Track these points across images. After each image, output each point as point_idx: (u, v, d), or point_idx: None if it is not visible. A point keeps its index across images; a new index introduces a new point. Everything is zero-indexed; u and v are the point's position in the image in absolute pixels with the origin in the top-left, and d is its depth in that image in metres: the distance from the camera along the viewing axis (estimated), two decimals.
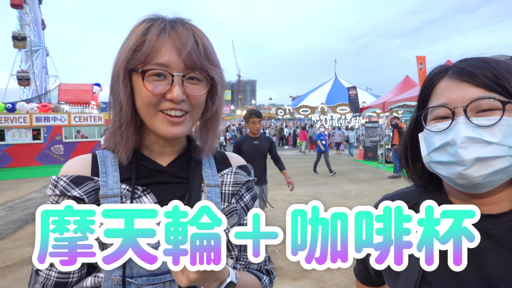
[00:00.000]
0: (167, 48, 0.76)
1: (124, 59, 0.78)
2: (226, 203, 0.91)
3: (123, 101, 0.80)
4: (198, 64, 0.78)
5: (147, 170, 0.86)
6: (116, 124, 0.83)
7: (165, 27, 0.78)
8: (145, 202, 0.82)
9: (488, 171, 0.63)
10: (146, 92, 0.77)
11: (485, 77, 0.66)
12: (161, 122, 0.80)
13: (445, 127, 0.68)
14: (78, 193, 0.77)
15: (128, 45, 0.78)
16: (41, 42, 36.91)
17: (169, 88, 0.76)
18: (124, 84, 0.79)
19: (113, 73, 0.81)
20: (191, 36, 0.78)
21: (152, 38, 0.76)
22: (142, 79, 0.76)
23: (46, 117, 16.21)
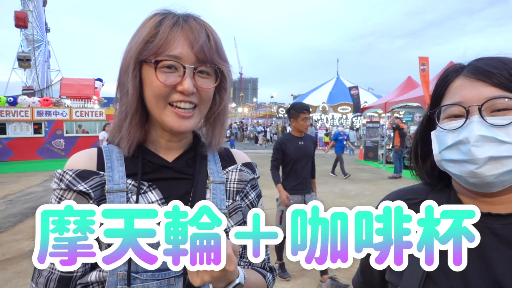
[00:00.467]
0: (179, 41, 0.77)
1: (135, 50, 0.78)
2: (231, 200, 0.91)
3: (130, 91, 0.79)
4: (209, 58, 0.80)
5: (152, 165, 0.85)
6: (122, 115, 0.83)
7: (178, 20, 0.79)
8: (151, 198, 0.82)
9: (501, 171, 0.63)
10: (157, 82, 0.77)
11: (502, 77, 0.66)
12: (170, 115, 0.80)
13: (459, 125, 0.68)
14: (84, 188, 0.77)
15: (140, 36, 0.78)
16: (44, 37, 36.89)
17: (180, 80, 0.77)
18: (133, 74, 0.78)
19: (123, 64, 0.81)
20: (203, 31, 0.80)
21: (165, 30, 0.77)
22: (155, 69, 0.76)
23: (47, 111, 16.22)
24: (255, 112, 56.15)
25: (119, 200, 0.78)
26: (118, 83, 0.84)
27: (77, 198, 0.76)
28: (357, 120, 27.29)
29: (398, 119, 12.39)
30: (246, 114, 56.69)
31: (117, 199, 0.78)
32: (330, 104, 28.45)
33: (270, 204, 7.49)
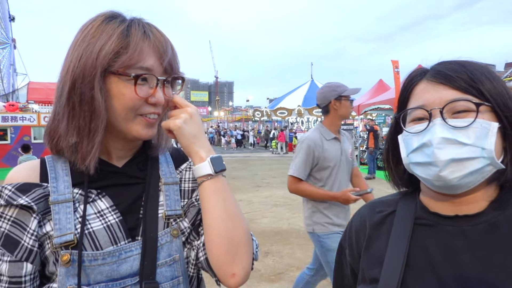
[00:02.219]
0: (149, 53, 0.77)
1: (103, 60, 0.73)
2: (186, 199, 0.89)
3: (99, 106, 0.74)
4: (174, 70, 0.83)
5: (101, 172, 0.81)
6: (83, 131, 0.76)
7: (145, 31, 0.78)
8: (100, 206, 0.79)
9: (463, 173, 0.64)
10: (132, 95, 0.75)
11: (461, 80, 0.68)
12: (139, 124, 0.79)
13: (423, 128, 0.69)
14: (26, 201, 0.72)
15: (106, 45, 0.73)
16: (9, 38, 35.36)
17: (153, 92, 0.78)
18: (99, 85, 0.73)
19: (80, 73, 0.73)
20: (168, 44, 0.81)
21: (137, 41, 0.75)
22: (135, 83, 0.74)
23: (13, 117, 15.52)
24: (231, 115, 56.08)
25: (65, 211, 0.75)
26: (68, 93, 0.75)
27: (19, 214, 0.73)
28: None
29: (372, 121, 12.71)
30: (223, 118, 56.50)
31: (63, 209, 0.74)
32: (305, 107, 28.81)
33: (246, 208, 7.47)
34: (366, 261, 0.81)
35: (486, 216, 0.69)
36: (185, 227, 0.85)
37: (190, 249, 0.87)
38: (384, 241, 0.78)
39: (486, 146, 0.64)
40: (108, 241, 0.76)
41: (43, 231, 0.74)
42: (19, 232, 0.72)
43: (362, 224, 0.86)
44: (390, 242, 0.76)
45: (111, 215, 0.78)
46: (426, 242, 0.73)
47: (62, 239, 0.72)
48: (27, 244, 0.72)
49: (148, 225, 0.79)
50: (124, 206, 0.81)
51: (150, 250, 0.77)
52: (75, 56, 0.75)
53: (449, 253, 0.69)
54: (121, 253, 0.75)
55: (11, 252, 0.71)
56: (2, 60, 33.88)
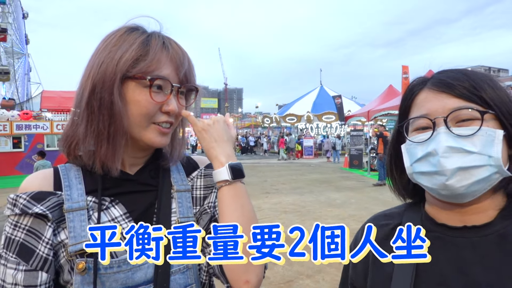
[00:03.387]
0: (167, 63, 0.80)
1: (123, 66, 0.76)
2: (198, 207, 0.90)
3: (118, 110, 0.76)
4: (189, 81, 0.85)
5: (114, 179, 0.82)
6: (103, 135, 0.77)
7: (164, 42, 0.81)
8: (114, 213, 0.80)
9: (470, 181, 0.64)
10: (148, 100, 0.77)
11: (463, 88, 0.67)
12: (153, 132, 0.81)
13: (427, 137, 0.68)
14: (40, 209, 0.72)
15: (127, 52, 0.77)
16: (24, 49, 36.25)
17: (166, 99, 0.80)
18: (118, 91, 0.76)
19: (101, 78, 0.76)
20: (185, 56, 0.84)
21: (156, 50, 0.78)
22: (150, 86, 0.77)
23: (27, 125, 15.83)
24: (240, 122, 56.21)
25: (80, 219, 0.75)
26: (88, 98, 0.77)
27: (34, 222, 0.73)
28: (341, 128, 27.65)
29: (382, 127, 12.60)
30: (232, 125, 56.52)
31: (77, 217, 0.75)
32: (314, 113, 28.74)
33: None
34: (374, 278, 0.79)
35: (495, 227, 0.68)
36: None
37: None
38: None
39: (493, 154, 0.64)
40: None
41: (58, 240, 0.74)
42: (34, 241, 0.72)
43: None
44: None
45: (125, 222, 0.79)
46: (435, 255, 0.70)
47: (77, 247, 0.72)
48: (42, 253, 0.72)
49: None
50: (137, 213, 0.82)
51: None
52: (96, 63, 0.78)
53: (459, 266, 0.68)
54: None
55: (27, 261, 0.71)
56: (18, 70, 34.70)
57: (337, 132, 26.98)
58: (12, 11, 31.98)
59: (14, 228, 0.73)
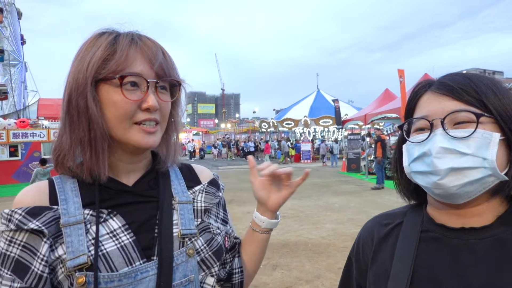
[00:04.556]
0: (139, 59, 0.77)
1: (92, 68, 0.74)
2: (200, 220, 0.88)
3: (94, 114, 0.74)
4: (168, 74, 0.81)
5: (111, 191, 0.80)
6: (84, 141, 0.76)
7: (133, 38, 0.79)
8: (113, 226, 0.77)
9: (463, 182, 0.64)
10: (123, 100, 0.74)
11: (464, 92, 0.68)
12: (137, 133, 0.78)
13: (424, 138, 0.70)
14: (36, 225, 0.70)
15: (95, 55, 0.75)
16: (20, 57, 36.23)
17: (144, 96, 0.76)
18: (92, 96, 0.74)
19: (73, 86, 0.76)
20: (158, 48, 0.81)
21: (124, 48, 0.76)
22: (121, 85, 0.74)
23: (24, 133, 15.77)
24: (238, 127, 56.25)
25: (77, 233, 0.73)
26: (68, 107, 0.77)
27: (30, 238, 0.71)
28: (338, 132, 27.70)
29: (379, 131, 12.65)
30: (229, 130, 56.69)
31: (75, 232, 0.73)
32: (312, 118, 28.81)
33: None
34: (373, 275, 0.80)
35: (493, 231, 0.68)
36: (199, 247, 0.84)
37: (208, 275, 0.86)
38: (390, 253, 0.78)
39: (488, 156, 0.64)
40: (123, 262, 0.73)
41: (56, 255, 0.72)
42: (30, 257, 0.70)
43: (369, 238, 0.86)
44: (396, 254, 0.76)
45: (124, 234, 0.77)
46: (432, 256, 0.72)
47: (76, 261, 0.70)
48: (37, 270, 0.70)
49: (164, 244, 0.78)
50: (137, 225, 0.79)
51: (166, 270, 0.76)
52: (71, 72, 0.78)
53: (455, 268, 0.68)
54: (137, 274, 0.74)
55: (21, 279, 0.69)
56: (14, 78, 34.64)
57: (335, 136, 27.06)
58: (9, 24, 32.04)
59: (9, 244, 0.71)
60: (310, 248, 5.54)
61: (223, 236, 0.95)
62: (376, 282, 0.78)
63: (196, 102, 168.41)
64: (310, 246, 5.62)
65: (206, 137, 50.47)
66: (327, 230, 6.54)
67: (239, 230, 6.68)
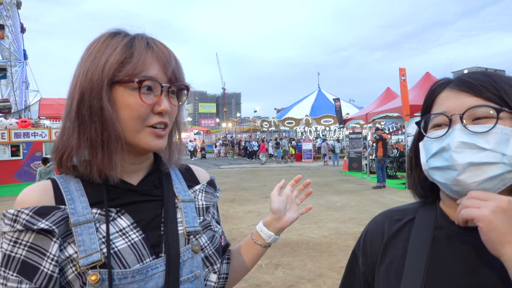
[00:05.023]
0: (154, 63, 0.79)
1: (109, 70, 0.75)
2: (202, 217, 0.91)
3: (109, 115, 0.75)
4: (179, 79, 0.84)
5: (117, 190, 0.81)
6: (96, 142, 0.76)
7: (148, 42, 0.80)
8: (122, 224, 0.78)
9: (482, 178, 0.64)
10: (139, 103, 0.76)
11: (483, 88, 0.68)
12: (148, 136, 0.79)
13: (443, 133, 0.70)
14: (46, 225, 0.69)
15: (113, 57, 0.76)
16: (21, 57, 36.29)
17: (157, 100, 0.78)
18: (108, 97, 0.75)
19: (88, 86, 0.76)
20: (171, 54, 0.83)
21: (141, 51, 0.77)
22: (139, 89, 0.76)
23: (25, 133, 15.81)
24: (239, 126, 56.27)
25: (88, 232, 0.73)
26: (77, 107, 0.77)
27: (37, 239, 0.70)
28: (339, 131, 27.68)
29: (380, 130, 12.65)
30: (231, 129, 56.71)
31: (86, 230, 0.73)
32: (313, 117, 28.80)
33: (256, 219, 7.42)
34: (384, 270, 0.79)
35: None
36: (203, 243, 0.87)
37: (211, 272, 0.89)
38: (401, 249, 0.77)
39: (507, 152, 0.64)
40: (135, 259, 0.75)
41: (66, 255, 0.71)
42: (38, 258, 0.69)
43: (378, 233, 0.85)
44: (409, 251, 0.75)
45: (133, 232, 0.78)
46: (445, 253, 0.71)
47: (89, 259, 0.70)
48: (47, 270, 0.69)
49: (171, 241, 0.80)
50: (144, 223, 0.81)
51: (174, 266, 0.79)
52: (82, 71, 0.77)
53: (469, 265, 0.67)
54: (148, 270, 0.75)
55: (30, 280, 0.68)
56: (15, 77, 34.71)
57: (336, 135, 27.04)
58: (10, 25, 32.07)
59: (14, 245, 0.69)
60: (312, 247, 5.54)
61: (220, 234, 0.97)
62: (387, 277, 0.77)
63: (197, 101, 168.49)
64: (312, 245, 5.61)
65: (207, 136, 50.50)
66: (329, 229, 6.54)
67: (241, 229, 6.68)
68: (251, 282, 4.12)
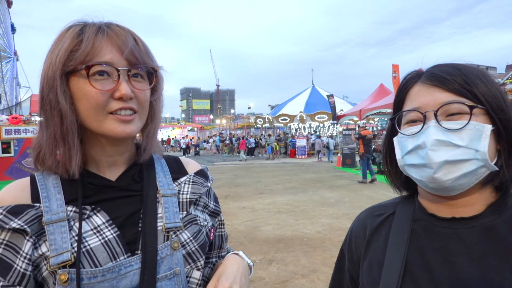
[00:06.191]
0: (107, 47, 0.74)
1: (59, 62, 0.73)
2: (185, 212, 0.87)
3: (64, 108, 0.73)
4: (141, 60, 0.78)
5: (94, 187, 0.79)
6: (57, 137, 0.75)
7: (100, 27, 0.76)
8: (96, 222, 0.76)
9: (457, 174, 0.65)
10: (93, 91, 0.72)
11: (455, 83, 0.68)
12: (112, 123, 0.76)
13: (417, 130, 0.70)
14: (18, 224, 0.69)
15: (62, 48, 0.73)
16: (12, 52, 35.76)
17: (116, 85, 0.74)
18: (62, 89, 0.73)
19: (45, 80, 0.75)
20: (129, 35, 0.78)
21: (89, 37, 0.73)
22: (88, 75, 0.72)
23: (16, 130, 15.62)
24: (233, 123, 56.17)
25: (60, 231, 0.72)
26: (41, 103, 0.77)
27: (12, 237, 0.70)
28: (333, 128, 27.77)
29: (360, 128, 12.92)
30: (225, 126, 56.61)
31: (58, 229, 0.72)
32: (307, 113, 28.85)
33: (250, 215, 7.44)
34: (367, 265, 0.81)
35: (483, 220, 0.69)
36: (185, 240, 0.83)
37: (194, 269, 0.84)
38: (383, 243, 0.79)
39: (480, 148, 0.65)
40: (107, 257, 0.73)
41: (39, 253, 0.71)
42: (12, 255, 0.70)
43: (362, 229, 0.87)
44: (389, 244, 0.77)
45: (108, 230, 0.76)
46: (423, 244, 0.73)
47: (59, 259, 0.70)
48: (20, 268, 0.69)
49: (148, 238, 0.77)
50: (121, 220, 0.79)
51: (150, 264, 0.76)
52: (43, 67, 0.77)
53: (445, 256, 0.69)
54: (120, 268, 0.73)
55: (4, 277, 0.69)
56: (6, 73, 34.21)
57: (330, 132, 27.13)
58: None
59: None
60: (306, 242, 5.56)
61: (209, 228, 0.92)
62: (369, 272, 0.79)
63: (191, 98, 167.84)
64: (306, 241, 5.64)
65: (201, 133, 50.34)
66: (323, 225, 6.57)
67: (235, 225, 6.69)
68: None
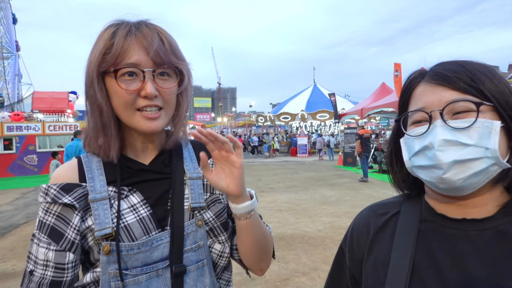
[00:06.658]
0: (134, 49, 0.81)
1: (95, 63, 0.82)
2: (209, 193, 0.96)
3: (101, 103, 0.84)
4: (166, 60, 0.84)
5: (131, 170, 0.91)
6: (98, 126, 0.86)
7: (130, 29, 0.83)
8: (133, 201, 0.88)
9: (467, 174, 0.63)
10: (121, 90, 0.81)
11: (460, 80, 0.66)
12: (140, 119, 0.84)
13: (424, 131, 0.68)
14: (69, 200, 0.82)
15: (97, 50, 0.82)
16: (14, 49, 35.78)
17: (142, 85, 0.82)
18: (99, 87, 0.83)
19: (86, 78, 0.85)
20: (156, 35, 0.84)
21: (119, 40, 0.81)
22: (115, 78, 0.81)
23: (18, 126, 15.65)
24: (234, 121, 56.14)
25: (103, 208, 0.84)
26: (86, 96, 0.87)
27: (63, 210, 0.83)
28: (335, 126, 27.74)
29: (359, 127, 13.03)
30: (226, 124, 56.61)
31: (101, 206, 0.84)
32: (308, 112, 28.80)
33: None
34: (371, 265, 0.78)
35: (495, 222, 0.67)
36: (208, 218, 0.93)
37: (216, 242, 0.96)
38: (388, 242, 0.77)
39: (490, 145, 0.62)
40: (142, 232, 0.85)
41: (86, 225, 0.84)
42: (64, 225, 0.82)
43: (365, 228, 0.84)
44: (395, 244, 0.74)
45: (142, 208, 0.87)
46: (431, 245, 0.71)
47: (102, 232, 0.82)
48: (70, 237, 0.82)
49: (175, 216, 0.88)
50: (153, 199, 0.90)
51: (178, 238, 0.87)
52: (85, 66, 0.86)
53: (454, 258, 0.67)
54: (152, 242, 0.85)
55: (57, 243, 0.81)
56: (8, 70, 34.24)
57: (331, 130, 27.10)
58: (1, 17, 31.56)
59: (45, 213, 0.83)
60: (307, 241, 5.57)
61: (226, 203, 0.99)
62: (374, 272, 0.77)
63: (192, 96, 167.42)
64: (307, 239, 5.64)
65: None
66: (324, 223, 6.57)
67: None
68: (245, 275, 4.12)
